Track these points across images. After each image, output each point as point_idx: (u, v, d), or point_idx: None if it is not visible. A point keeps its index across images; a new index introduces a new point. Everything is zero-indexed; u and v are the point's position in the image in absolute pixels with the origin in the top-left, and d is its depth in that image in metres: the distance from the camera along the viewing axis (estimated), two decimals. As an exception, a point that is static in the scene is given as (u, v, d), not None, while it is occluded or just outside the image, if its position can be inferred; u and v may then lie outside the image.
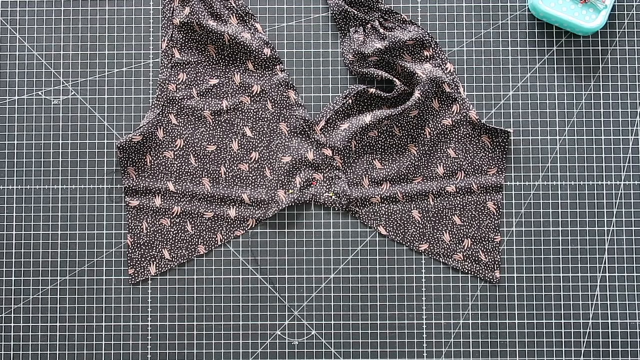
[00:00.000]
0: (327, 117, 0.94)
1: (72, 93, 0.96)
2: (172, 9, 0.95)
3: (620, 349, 0.92)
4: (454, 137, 0.94)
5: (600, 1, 0.93)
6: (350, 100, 0.93)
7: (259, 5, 0.97)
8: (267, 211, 0.93)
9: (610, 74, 0.96)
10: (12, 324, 0.93)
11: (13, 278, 0.93)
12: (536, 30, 0.97)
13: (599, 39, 0.96)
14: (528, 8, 0.97)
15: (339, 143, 0.93)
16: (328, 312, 0.93)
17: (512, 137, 0.95)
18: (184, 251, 0.93)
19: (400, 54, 0.94)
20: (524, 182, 0.94)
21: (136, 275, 0.93)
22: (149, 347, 0.92)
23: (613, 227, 0.94)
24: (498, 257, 0.93)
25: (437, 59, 0.95)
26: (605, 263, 0.93)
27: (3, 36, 0.96)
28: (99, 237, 0.94)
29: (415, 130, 0.94)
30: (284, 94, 0.94)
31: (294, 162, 0.93)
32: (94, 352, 0.92)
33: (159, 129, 0.94)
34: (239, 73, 0.95)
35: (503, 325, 0.93)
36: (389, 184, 0.94)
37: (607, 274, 0.93)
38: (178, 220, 0.93)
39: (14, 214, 0.94)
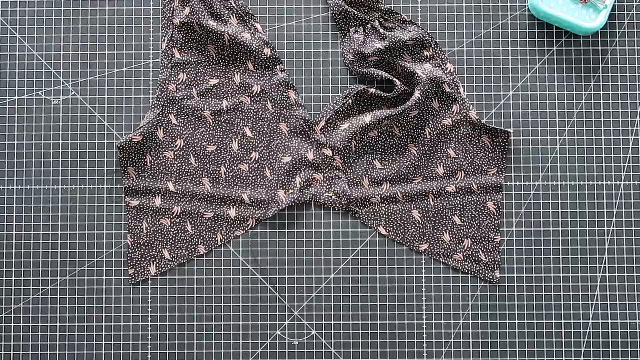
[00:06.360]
0: (327, 117, 0.94)
1: (72, 93, 0.96)
2: (172, 9, 0.95)
3: (620, 349, 0.92)
4: (454, 137, 0.94)
5: (600, 1, 0.93)
6: (350, 100, 0.93)
7: (259, 5, 0.97)
8: (267, 211, 0.93)
9: (610, 74, 0.96)
10: (12, 324, 0.93)
11: (13, 278, 0.93)
12: (536, 30, 0.97)
13: (599, 39, 0.96)
14: (528, 8, 0.97)
15: (339, 143, 0.93)
16: (328, 312, 0.93)
17: (512, 137, 0.95)
18: (184, 251, 0.93)
19: (400, 54, 0.94)
20: (524, 182, 0.94)
21: (136, 275, 0.93)
22: (149, 347, 0.92)
23: (613, 227, 0.94)
24: (498, 257, 0.93)
25: (437, 59, 0.95)
26: (605, 263, 0.93)
27: (3, 36, 0.96)
28: (99, 237, 0.94)
29: (415, 130, 0.94)
30: (284, 94, 0.94)
31: (294, 162, 0.93)
32: (94, 352, 0.92)
33: (159, 129, 0.94)
34: (239, 73, 0.95)
35: (503, 325, 0.93)
36: (389, 184, 0.94)
37: (607, 274, 0.93)
38: (178, 220, 0.93)
39: (14, 214, 0.94)
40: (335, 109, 0.94)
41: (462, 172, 0.94)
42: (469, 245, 0.93)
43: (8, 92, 0.96)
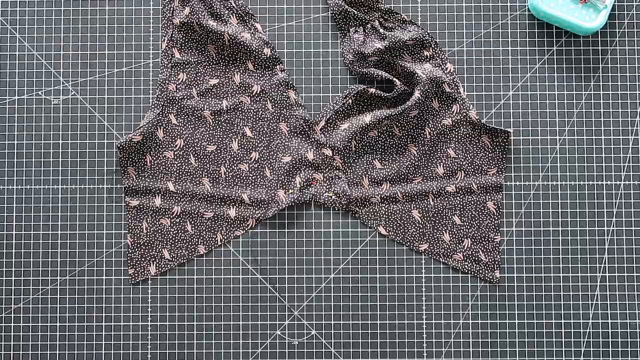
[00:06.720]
0: (327, 117, 0.94)
1: (72, 93, 0.96)
2: (172, 9, 0.95)
3: (620, 349, 0.92)
4: (454, 137, 0.94)
5: (600, 1, 0.93)
6: (350, 100, 0.93)
7: (259, 5, 0.97)
8: (267, 211, 0.93)
9: (610, 74, 0.96)
10: (12, 324, 0.93)
11: (13, 278, 0.93)
12: (536, 30, 0.97)
13: (599, 39, 0.96)
14: (528, 8, 0.97)
15: (339, 143, 0.93)
16: (328, 312, 0.93)
17: (512, 137, 0.95)
18: (184, 251, 0.93)
19: (400, 54, 0.94)
20: (524, 182, 0.94)
21: (136, 275, 0.93)
22: (149, 347, 0.92)
23: (613, 227, 0.94)
24: (498, 257, 0.93)
25: (437, 59, 0.95)
26: (605, 263, 0.93)
27: (3, 36, 0.96)
28: (99, 237, 0.94)
29: (415, 130, 0.94)
30: (284, 94, 0.94)
31: (294, 162, 0.93)
32: (94, 352, 0.92)
33: (159, 129, 0.94)
34: (239, 73, 0.95)
35: (503, 325, 0.93)
36: (389, 184, 0.94)
37: (607, 274, 0.93)
38: (178, 220, 0.93)
39: (14, 214, 0.94)
40: (335, 109, 0.94)
41: (462, 172, 0.94)
42: (469, 245, 0.93)
43: (8, 92, 0.96)
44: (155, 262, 0.93)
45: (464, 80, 0.96)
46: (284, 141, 0.94)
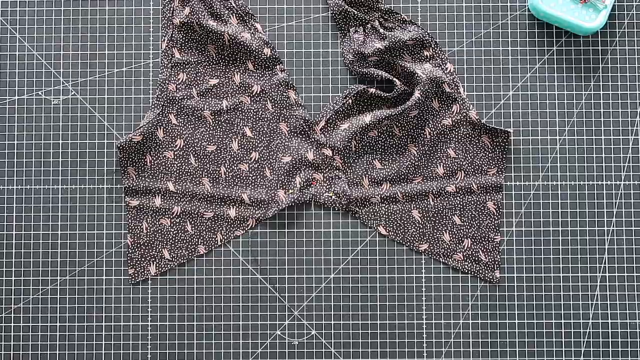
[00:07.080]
0: (327, 117, 0.94)
1: (72, 93, 0.96)
2: (172, 9, 0.95)
3: (620, 349, 0.92)
4: (454, 137, 0.94)
5: (600, 1, 0.93)
6: (350, 100, 0.93)
7: (259, 5, 0.97)
8: (267, 211, 0.93)
9: (610, 74, 0.96)
10: (12, 324, 0.93)
11: (13, 278, 0.93)
12: (536, 30, 0.97)
13: (599, 39, 0.96)
14: (528, 8, 0.97)
15: (339, 143, 0.93)
16: (328, 312, 0.93)
17: (512, 137, 0.95)
18: (184, 251, 0.93)
19: (400, 54, 0.94)
20: (524, 182, 0.94)
21: (136, 275, 0.93)
22: (149, 347, 0.92)
23: (613, 227, 0.94)
24: (498, 257, 0.93)
25: (437, 59, 0.95)
26: (605, 263, 0.93)
27: (3, 36, 0.96)
28: (99, 237, 0.94)
29: (415, 130, 0.94)
30: (284, 94, 0.94)
31: (294, 162, 0.93)
32: (94, 352, 0.92)
33: (159, 129, 0.94)
34: (239, 73, 0.95)
35: (503, 325, 0.93)
36: (389, 184, 0.94)
37: (607, 274, 0.93)
38: (178, 220, 0.93)
39: (14, 214, 0.94)
40: (335, 109, 0.94)
41: (462, 172, 0.94)
42: (469, 245, 0.93)
43: (8, 92, 0.96)
44: (155, 262, 0.93)
45: (464, 80, 0.96)
46: (284, 141, 0.94)
